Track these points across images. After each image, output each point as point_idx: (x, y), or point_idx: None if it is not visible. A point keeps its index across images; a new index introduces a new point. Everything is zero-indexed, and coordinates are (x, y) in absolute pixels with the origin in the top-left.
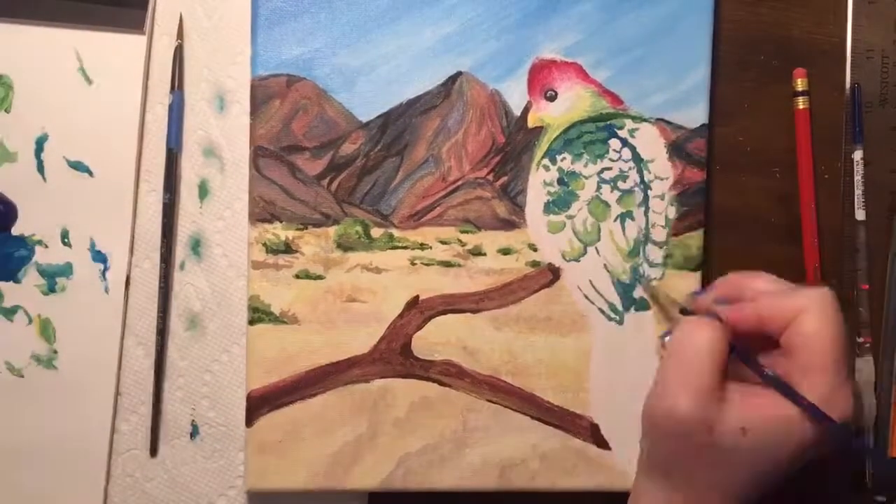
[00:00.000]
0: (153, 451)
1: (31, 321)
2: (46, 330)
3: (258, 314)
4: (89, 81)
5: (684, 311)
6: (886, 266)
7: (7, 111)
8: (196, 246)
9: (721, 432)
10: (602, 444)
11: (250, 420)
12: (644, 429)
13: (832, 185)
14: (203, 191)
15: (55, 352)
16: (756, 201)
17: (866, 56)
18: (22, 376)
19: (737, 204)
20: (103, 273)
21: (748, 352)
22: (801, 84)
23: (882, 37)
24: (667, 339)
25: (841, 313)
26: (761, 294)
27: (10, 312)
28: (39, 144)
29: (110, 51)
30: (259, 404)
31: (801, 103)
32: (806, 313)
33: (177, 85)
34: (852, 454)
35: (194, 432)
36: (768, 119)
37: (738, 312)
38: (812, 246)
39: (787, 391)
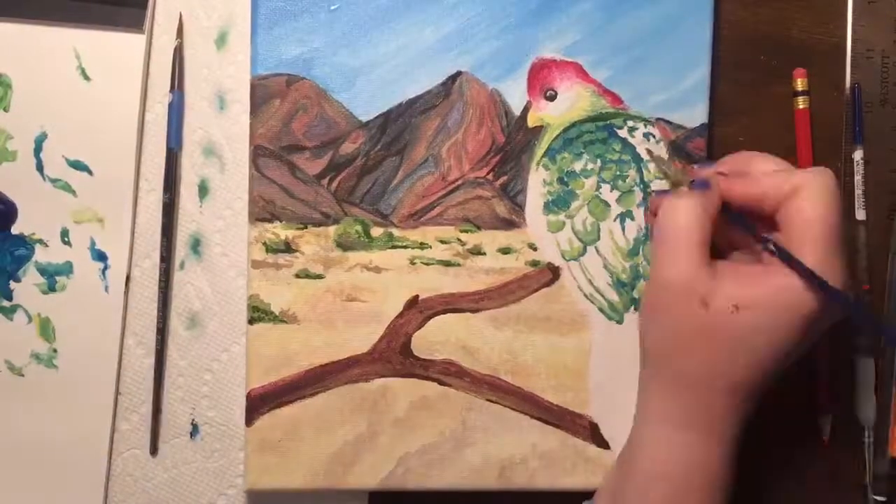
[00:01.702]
0: (153, 450)
1: (30, 320)
2: (46, 329)
3: (258, 313)
4: (88, 80)
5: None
6: (886, 266)
7: (6, 110)
8: (196, 245)
9: (715, 308)
10: (602, 443)
11: (250, 419)
12: (640, 314)
13: None
14: (203, 190)
15: (55, 351)
16: None
17: (866, 56)
18: (22, 375)
19: None
20: (103, 272)
21: (744, 218)
22: (801, 84)
23: (882, 37)
24: (653, 195)
25: (838, 192)
26: (762, 172)
27: (9, 311)
28: (38, 143)
29: (109, 50)
30: (258, 403)
31: (801, 103)
32: (803, 189)
33: (177, 84)
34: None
35: (194, 432)
36: (768, 119)
37: (735, 183)
38: None
39: (787, 257)
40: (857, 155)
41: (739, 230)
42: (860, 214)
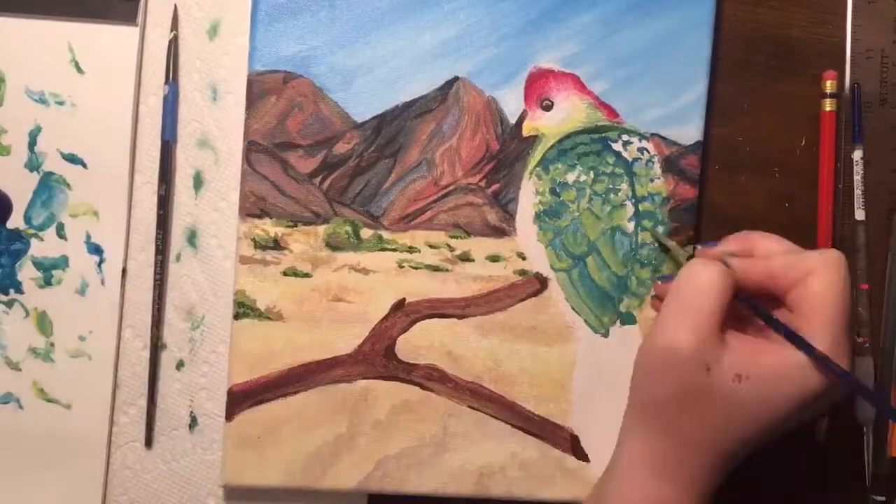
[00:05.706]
0: (148, 442)
1: (28, 314)
2: (43, 323)
3: (243, 309)
4: (82, 73)
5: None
6: (886, 266)
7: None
8: (192, 237)
9: (717, 375)
10: (581, 455)
11: (230, 415)
12: (638, 368)
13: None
14: (198, 182)
15: (52, 344)
16: (756, 202)
17: (866, 56)
18: (19, 370)
19: (736, 204)
20: (99, 265)
21: (755, 301)
22: (829, 86)
23: (882, 37)
24: (659, 281)
25: (849, 276)
26: (772, 253)
27: (7, 306)
28: (33, 137)
29: (103, 43)
30: (240, 399)
31: (829, 105)
32: (816, 274)
33: (171, 77)
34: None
35: (193, 424)
36: (768, 119)
37: (749, 265)
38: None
39: (797, 340)
40: (857, 155)
41: (748, 309)
42: (859, 214)
